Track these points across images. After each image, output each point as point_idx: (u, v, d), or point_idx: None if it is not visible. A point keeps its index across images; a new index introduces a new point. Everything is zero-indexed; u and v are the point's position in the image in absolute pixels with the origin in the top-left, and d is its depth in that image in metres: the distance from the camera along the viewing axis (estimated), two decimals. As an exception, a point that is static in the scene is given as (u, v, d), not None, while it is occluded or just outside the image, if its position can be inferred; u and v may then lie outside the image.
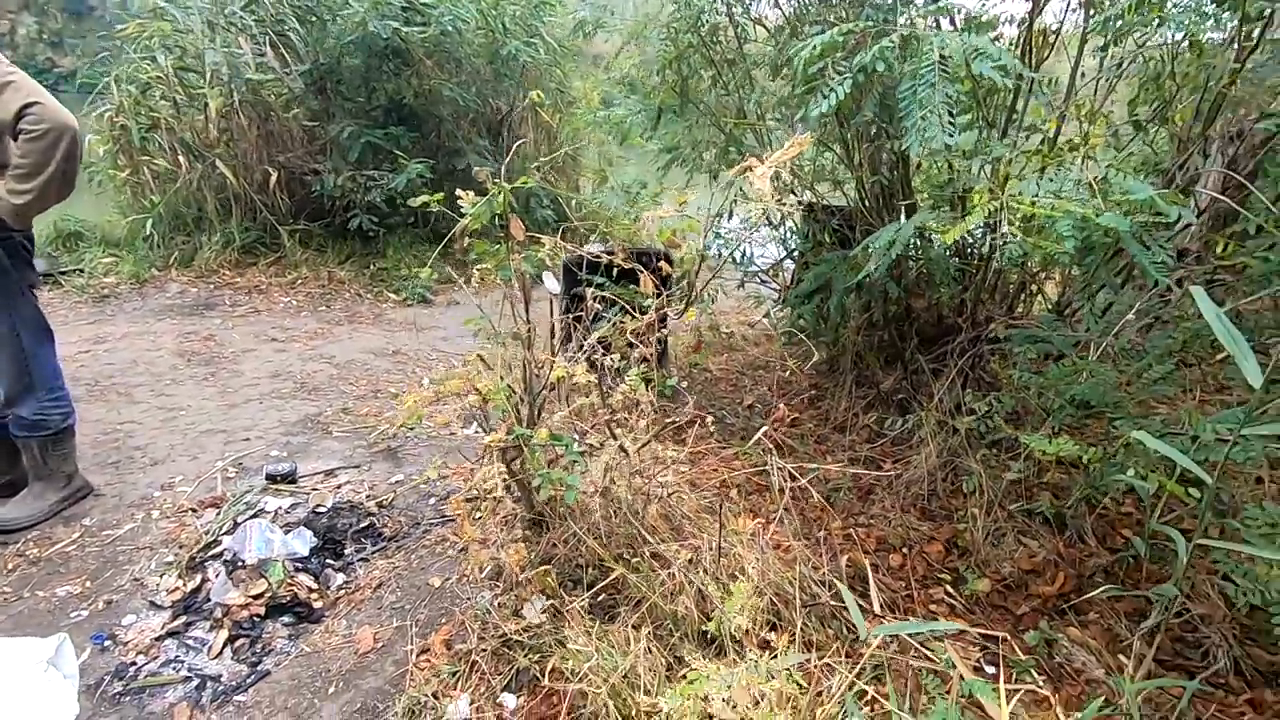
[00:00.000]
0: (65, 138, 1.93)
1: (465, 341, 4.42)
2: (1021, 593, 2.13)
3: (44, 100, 1.89)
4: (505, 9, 5.82)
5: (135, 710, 1.62)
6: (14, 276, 2.09)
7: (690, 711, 1.14)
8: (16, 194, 1.94)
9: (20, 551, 2.16)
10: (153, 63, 5.59)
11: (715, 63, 2.98)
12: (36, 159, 1.90)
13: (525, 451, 1.47)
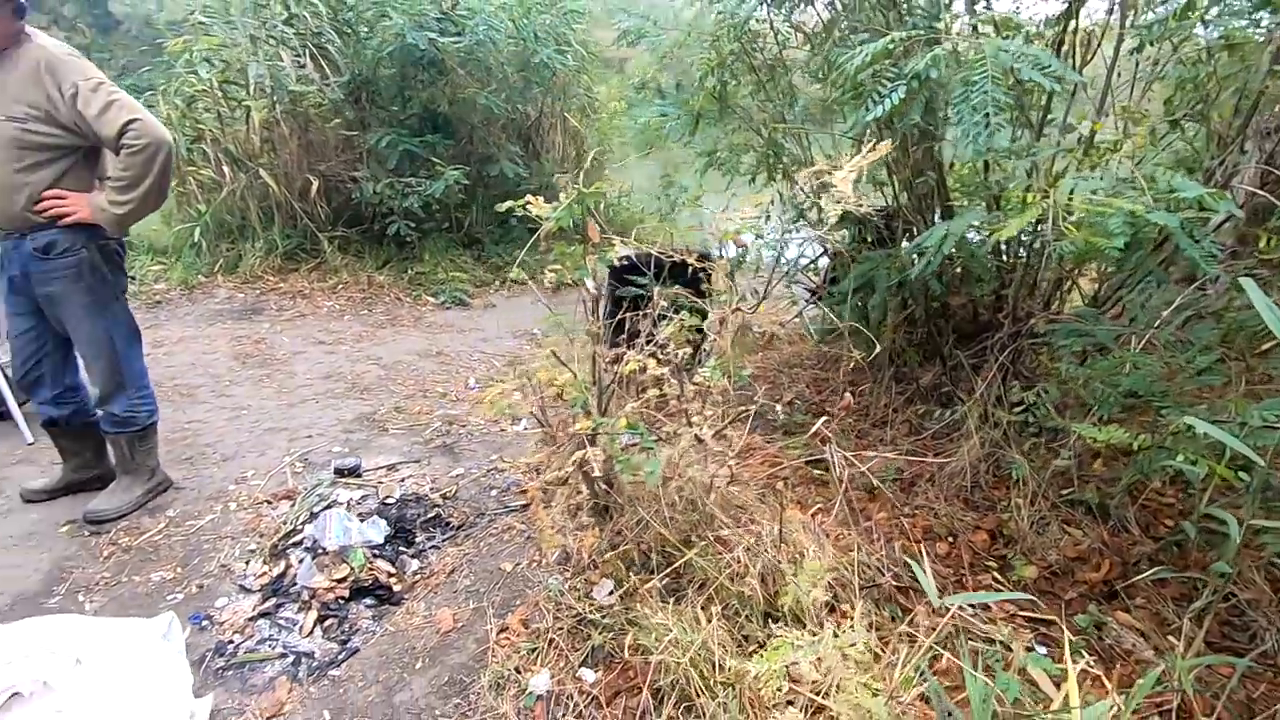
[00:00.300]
0: (162, 152, 2.07)
1: (504, 342, 4.54)
2: (1068, 579, 2.19)
3: (144, 117, 2.03)
4: (536, 18, 5.95)
5: (239, 683, 1.74)
6: (110, 281, 2.23)
7: (777, 674, 1.23)
8: (117, 204, 2.08)
9: (113, 540, 2.30)
10: (198, 76, 5.79)
11: (756, 69, 3.07)
12: (136, 171, 2.04)
13: (604, 440, 1.56)
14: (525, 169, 6.19)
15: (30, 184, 2.04)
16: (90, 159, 2.16)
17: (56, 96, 1.99)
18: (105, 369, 2.29)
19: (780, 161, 3.17)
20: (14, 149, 2.00)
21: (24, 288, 2.18)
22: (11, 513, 2.43)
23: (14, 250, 2.14)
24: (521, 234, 6.23)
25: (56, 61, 2.00)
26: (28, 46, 2.02)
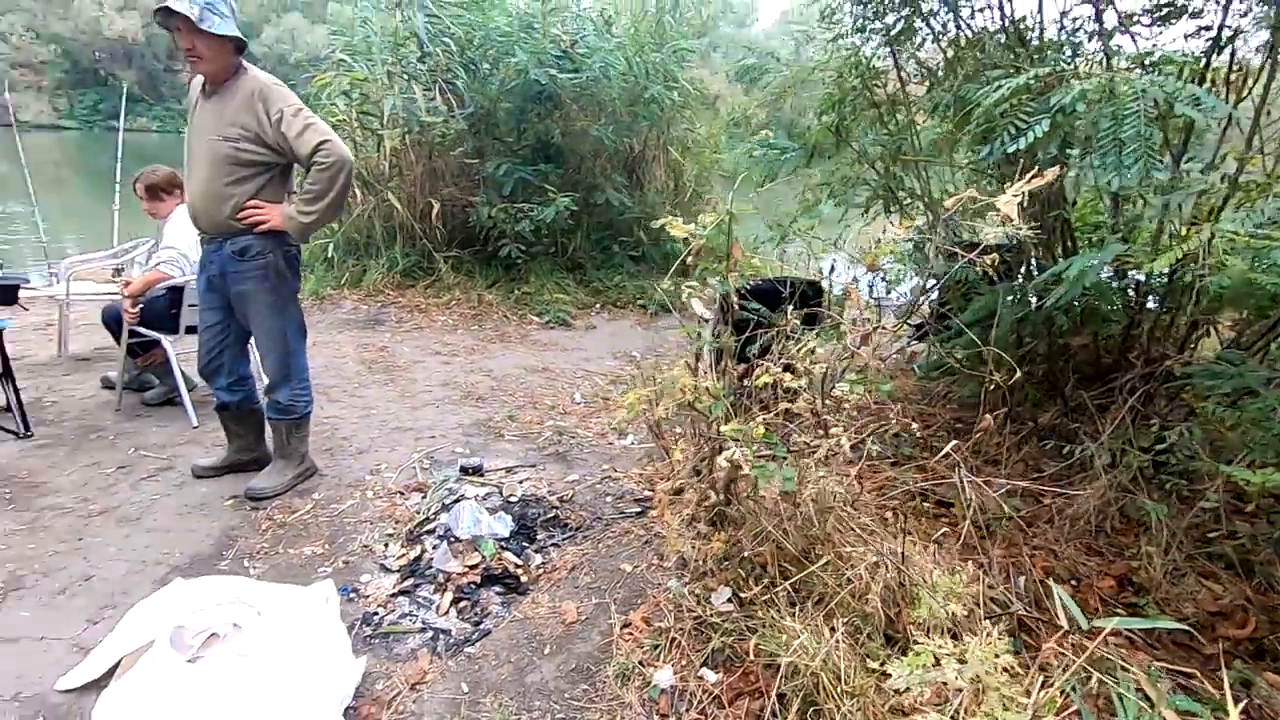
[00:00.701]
0: (345, 169, 2.34)
1: (605, 362, 4.70)
2: (1208, 634, 2.08)
3: (333, 139, 2.32)
4: (649, 56, 6.24)
5: (385, 651, 1.90)
6: (290, 283, 2.52)
7: (919, 680, 1.25)
8: (305, 214, 2.36)
9: (269, 516, 2.54)
10: (338, 107, 6.37)
11: (876, 104, 3.14)
12: (323, 185, 2.32)
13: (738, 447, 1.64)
14: (629, 198, 6.43)
15: (236, 195, 2.34)
16: (284, 175, 2.46)
17: (265, 120, 2.29)
18: (277, 361, 2.56)
19: (898, 194, 3.20)
20: (226, 165, 2.32)
21: (219, 286, 2.49)
22: (185, 485, 2.73)
23: (215, 253, 2.45)
24: (623, 260, 6.46)
25: (267, 90, 2.31)
26: (244, 78, 2.34)
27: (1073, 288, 1.93)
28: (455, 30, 5.92)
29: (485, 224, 5.90)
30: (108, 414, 3.36)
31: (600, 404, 3.88)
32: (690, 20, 7.45)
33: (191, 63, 2.31)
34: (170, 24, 2.24)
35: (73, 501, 2.57)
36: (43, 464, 2.84)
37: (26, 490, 2.63)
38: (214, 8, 2.23)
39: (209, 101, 2.36)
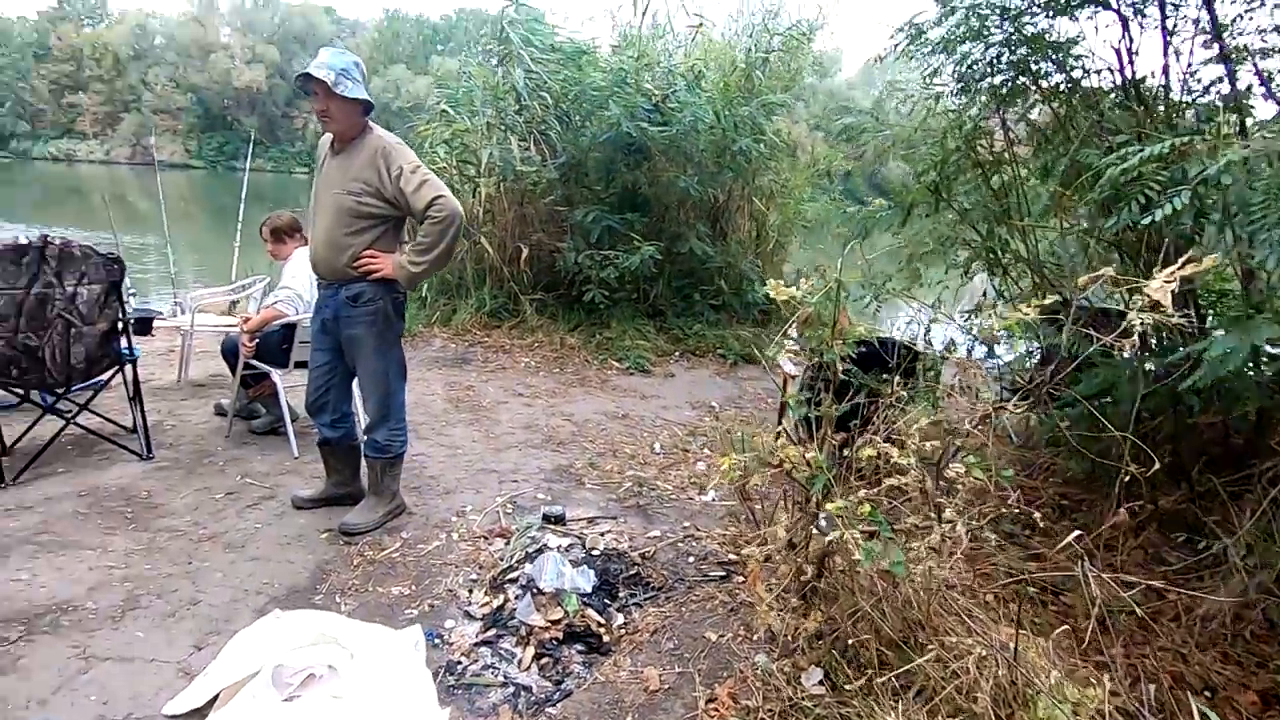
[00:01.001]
0: (456, 224, 2.46)
1: (684, 412, 4.68)
2: (1377, 769, 1.82)
3: (447, 195, 2.44)
4: (738, 110, 6.33)
5: (466, 703, 1.89)
6: (396, 326, 2.64)
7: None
8: (415, 264, 2.49)
9: (361, 552, 2.62)
10: (439, 155, 6.75)
11: (981, 165, 3.06)
12: (434, 238, 2.44)
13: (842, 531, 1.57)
14: (711, 247, 6.48)
15: (354, 245, 2.49)
16: (398, 227, 2.61)
17: (385, 176, 2.45)
18: (378, 401, 2.67)
19: (1001, 256, 3.08)
20: (347, 216, 2.48)
21: (332, 329, 2.63)
22: (285, 515, 2.85)
23: (330, 297, 2.60)
24: (704, 308, 6.47)
25: (389, 149, 2.47)
26: (370, 137, 2.51)
27: (1214, 369, 1.78)
28: (552, 85, 6.20)
29: (571, 269, 6.05)
30: (219, 440, 3.58)
31: (679, 455, 3.84)
32: (779, 74, 7.54)
33: (324, 122, 2.50)
34: (308, 87, 2.43)
35: (185, 525, 2.72)
36: (160, 485, 3.04)
37: (146, 510, 2.82)
38: (348, 74, 2.42)
39: (337, 158, 2.54)
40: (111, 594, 2.25)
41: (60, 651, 1.97)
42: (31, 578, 2.31)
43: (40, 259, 2.86)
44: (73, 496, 2.86)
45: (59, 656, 1.96)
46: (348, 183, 2.49)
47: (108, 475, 3.08)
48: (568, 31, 6.69)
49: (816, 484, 1.65)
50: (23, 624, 2.08)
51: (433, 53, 49.95)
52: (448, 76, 7.28)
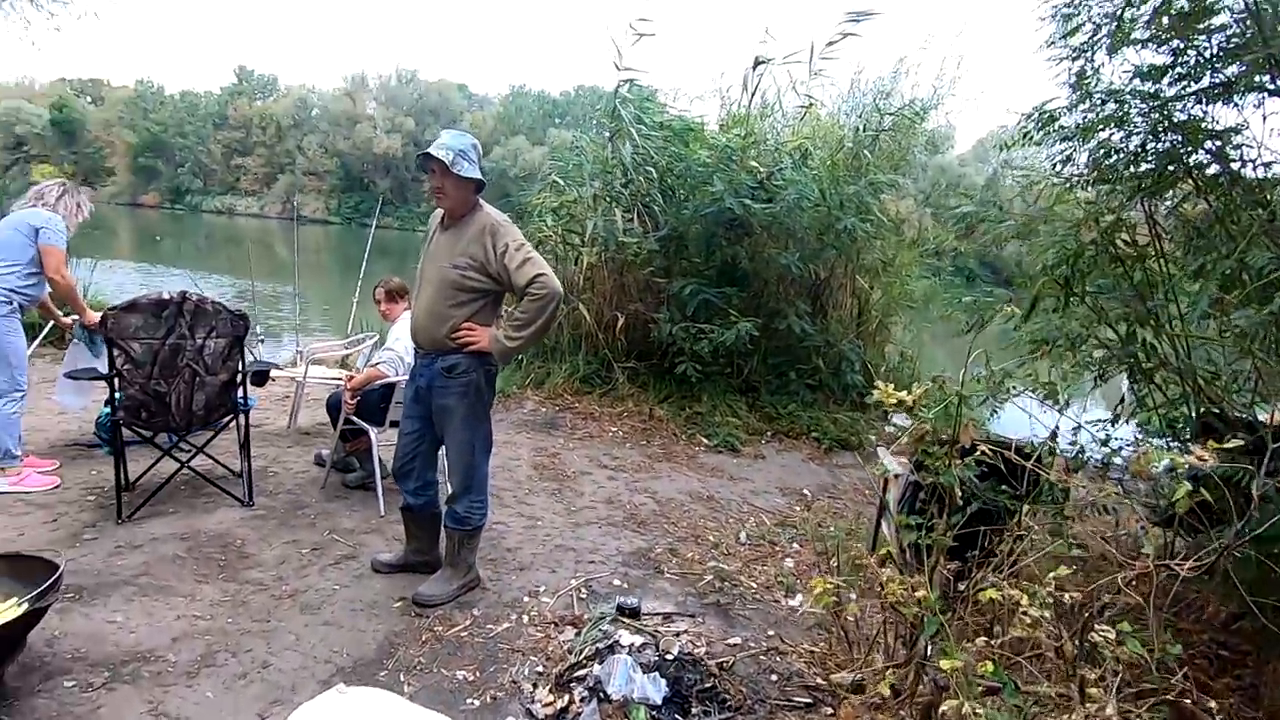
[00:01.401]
0: (554, 302, 2.46)
1: (773, 499, 4.44)
2: None
3: (547, 273, 2.46)
4: (844, 189, 6.23)
5: (519, 822, 1.74)
6: (486, 399, 2.65)
7: None
8: (511, 338, 2.50)
9: (430, 626, 2.56)
10: (546, 224, 7.01)
11: (1121, 259, 2.78)
12: (532, 314, 2.46)
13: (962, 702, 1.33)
14: (811, 325, 6.28)
15: (454, 317, 2.54)
16: (497, 303, 2.64)
17: (491, 252, 2.50)
18: (462, 472, 2.66)
19: (1146, 361, 2.75)
20: (450, 289, 2.53)
21: (425, 398, 2.67)
22: (363, 578, 2.86)
23: (426, 366, 2.65)
24: (799, 388, 6.24)
25: (497, 226, 2.53)
26: (479, 214, 2.59)
27: None
28: (658, 159, 6.34)
29: (665, 340, 6.02)
30: (313, 491, 3.69)
31: (766, 548, 3.60)
32: (888, 153, 7.41)
33: (438, 199, 2.60)
34: (427, 165, 2.54)
35: (270, 579, 2.77)
36: (254, 534, 3.14)
37: (238, 559, 2.90)
38: (465, 155, 2.51)
39: (446, 233, 2.62)
40: (192, 647, 2.29)
41: (135, 706, 2.00)
42: (125, 620, 2.39)
43: (178, 313, 3.11)
44: (175, 539, 2.99)
45: (134, 710, 1.98)
46: (454, 257, 2.55)
47: (210, 519, 3.22)
48: (677, 109, 6.87)
49: (927, 628, 1.44)
50: (109, 669, 2.14)
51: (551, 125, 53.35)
52: (561, 148, 7.64)
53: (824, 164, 6.68)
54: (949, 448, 1.62)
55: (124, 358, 3.03)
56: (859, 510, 4.34)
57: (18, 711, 1.91)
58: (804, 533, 3.82)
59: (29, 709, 1.93)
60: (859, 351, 6.59)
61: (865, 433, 5.82)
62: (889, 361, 7.31)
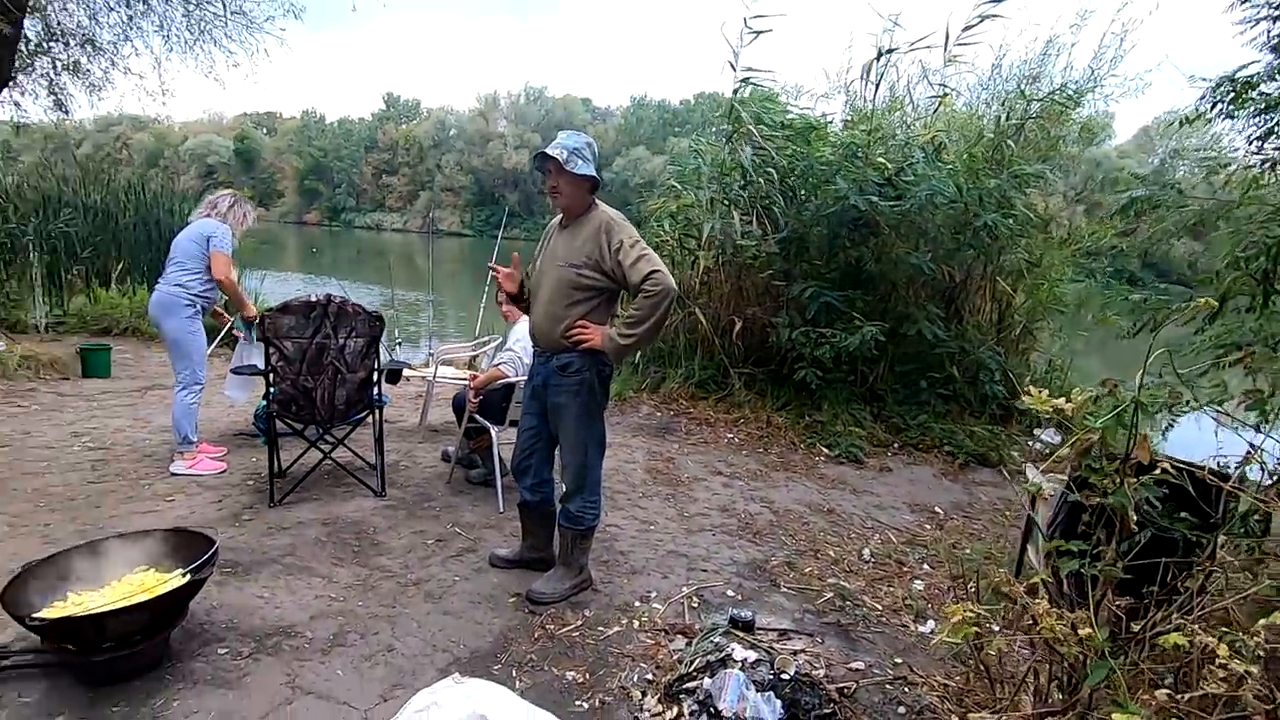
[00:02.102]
0: (668, 299, 2.42)
1: (900, 515, 4.14)
2: None
3: (662, 270, 2.42)
4: (984, 183, 5.75)
5: (624, 835, 1.68)
6: (599, 398, 2.64)
7: None
8: (625, 336, 2.48)
9: (543, 624, 2.57)
10: (664, 229, 7.01)
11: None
12: (646, 311, 2.42)
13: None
14: (944, 331, 5.84)
15: (569, 316, 2.55)
16: (611, 301, 2.63)
17: (606, 250, 2.50)
18: (576, 471, 2.67)
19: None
20: (567, 288, 2.55)
21: (540, 395, 2.70)
22: (481, 571, 2.94)
23: (542, 365, 2.68)
24: (930, 397, 5.81)
25: (613, 224, 2.53)
26: (595, 212, 2.59)
27: None
28: (779, 160, 6.15)
29: (784, 345, 5.82)
30: (439, 486, 3.87)
31: (893, 567, 3.35)
32: (1034, 143, 6.76)
33: (554, 198, 2.62)
34: (544, 165, 2.58)
35: (397, 566, 2.91)
36: (385, 523, 3.32)
37: (370, 546, 3.07)
38: (579, 153, 2.52)
39: (563, 233, 2.65)
40: (327, 625, 2.44)
41: (275, 676, 2.14)
42: (271, 596, 2.59)
43: (323, 314, 3.36)
44: (317, 524, 3.23)
45: (274, 681, 2.12)
46: (571, 256, 2.57)
47: (347, 507, 3.45)
48: (799, 108, 6.65)
49: (1095, 675, 1.23)
50: (255, 640, 2.31)
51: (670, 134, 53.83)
52: (680, 155, 7.62)
53: (960, 158, 6.20)
54: (1122, 464, 1.39)
55: (278, 355, 3.31)
56: (999, 533, 3.95)
57: (179, 672, 2.11)
58: (936, 553, 3.52)
59: (188, 671, 2.12)
60: (999, 360, 6.04)
61: (1006, 448, 5.32)
62: (1034, 371, 6.65)
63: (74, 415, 4.71)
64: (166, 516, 3.20)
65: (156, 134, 62.91)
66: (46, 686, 2.00)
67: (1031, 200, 6.61)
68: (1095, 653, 1.25)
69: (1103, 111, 8.13)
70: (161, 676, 2.08)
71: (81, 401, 5.09)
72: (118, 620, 1.96)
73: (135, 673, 2.06)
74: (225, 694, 2.04)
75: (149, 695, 2.00)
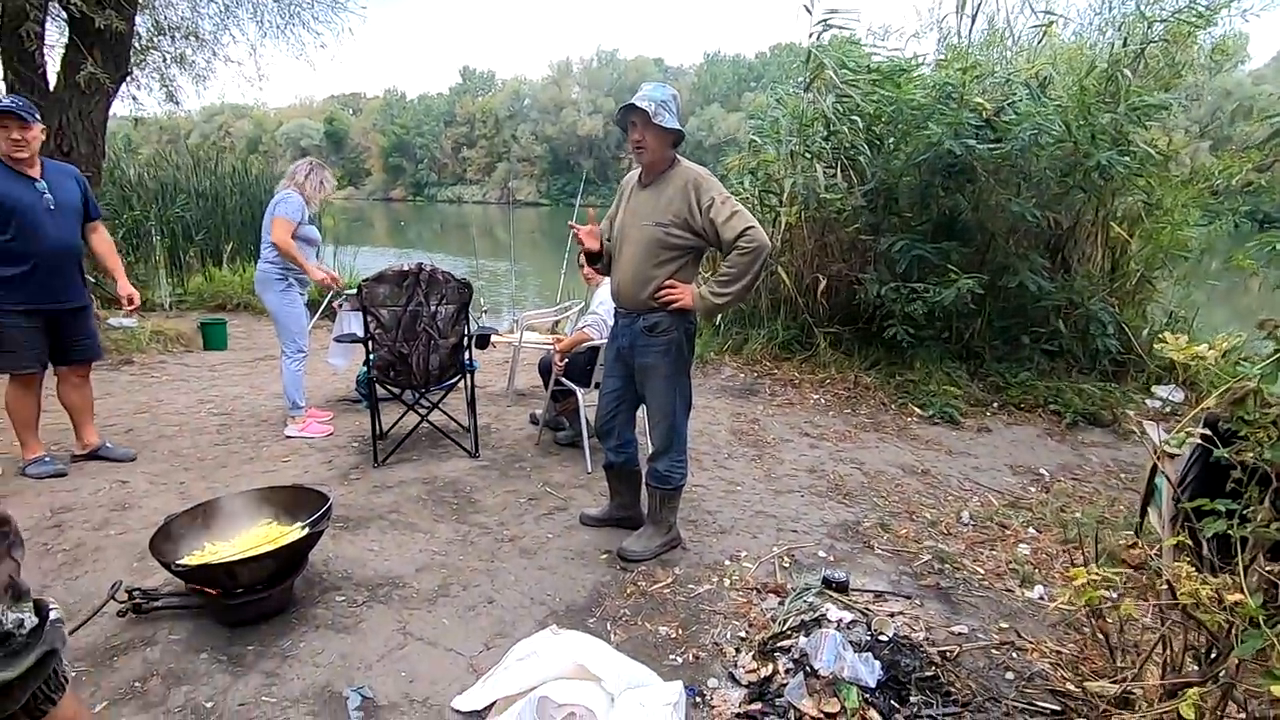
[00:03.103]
0: (763, 255, 2.35)
1: (1001, 477, 3.93)
2: None
3: (756, 226, 2.35)
4: (1097, 118, 5.24)
5: (723, 785, 1.70)
6: (687, 357, 2.61)
7: None
8: (718, 294, 2.44)
9: (634, 581, 2.62)
10: (744, 187, 6.82)
11: None
12: (741, 269, 2.37)
13: None
14: (1049, 282, 5.44)
15: (658, 276, 2.52)
16: (697, 259, 2.58)
17: (695, 208, 2.44)
18: (664, 430, 2.67)
19: None
20: (656, 248, 2.51)
21: (626, 357, 2.70)
22: (572, 529, 3.01)
23: (628, 327, 2.67)
24: (1033, 353, 5.47)
25: (701, 179, 2.46)
26: (679, 168, 2.53)
27: None
28: (864, 107, 5.83)
29: (872, 302, 5.60)
30: (529, 447, 3.98)
31: (995, 531, 3.20)
32: (1155, 71, 6.10)
33: (639, 153, 2.52)
34: (629, 118, 2.49)
35: (493, 523, 3.02)
36: (480, 482, 3.45)
37: (467, 504, 3.21)
38: (666, 106, 2.45)
39: (645, 191, 2.59)
40: (431, 577, 2.57)
41: (388, 623, 2.28)
42: (380, 549, 2.75)
43: (416, 282, 3.47)
44: (418, 483, 3.39)
45: (387, 627, 2.26)
46: (658, 214, 2.51)
47: (445, 467, 3.60)
48: (887, 50, 6.26)
49: (1247, 645, 1.12)
50: (368, 589, 2.47)
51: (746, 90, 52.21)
52: (758, 110, 7.33)
53: (1069, 92, 5.67)
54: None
55: (375, 323, 3.46)
56: (1112, 496, 3.69)
57: (303, 617, 2.28)
58: (1042, 517, 3.33)
59: (310, 616, 2.29)
60: (1112, 312, 5.58)
61: (1121, 406, 4.94)
62: (1152, 323, 6.10)
63: (199, 384, 5.13)
64: (283, 475, 3.44)
65: (255, 120, 66.67)
66: (192, 626, 2.21)
67: (1152, 136, 5.99)
68: (1246, 621, 1.14)
69: (1237, 31, 7.22)
70: (288, 620, 2.26)
71: (205, 372, 5.52)
72: (248, 568, 2.13)
73: (265, 616, 2.24)
74: (344, 637, 2.19)
75: (278, 636, 2.18)
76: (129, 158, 10.54)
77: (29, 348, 3.13)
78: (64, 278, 3.19)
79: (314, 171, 4.04)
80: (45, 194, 3.08)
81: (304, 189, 3.94)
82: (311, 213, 4.03)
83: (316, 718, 1.86)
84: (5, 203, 2.97)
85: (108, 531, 2.81)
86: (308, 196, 3.95)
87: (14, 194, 2.99)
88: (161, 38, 6.88)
